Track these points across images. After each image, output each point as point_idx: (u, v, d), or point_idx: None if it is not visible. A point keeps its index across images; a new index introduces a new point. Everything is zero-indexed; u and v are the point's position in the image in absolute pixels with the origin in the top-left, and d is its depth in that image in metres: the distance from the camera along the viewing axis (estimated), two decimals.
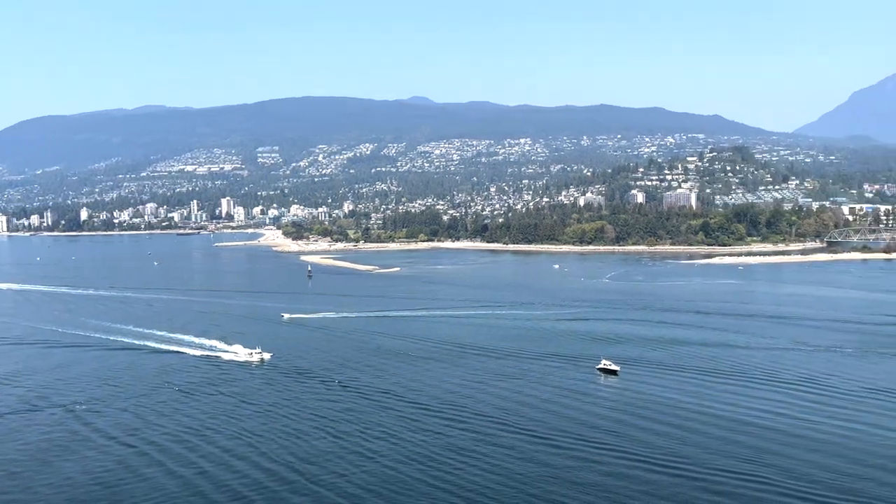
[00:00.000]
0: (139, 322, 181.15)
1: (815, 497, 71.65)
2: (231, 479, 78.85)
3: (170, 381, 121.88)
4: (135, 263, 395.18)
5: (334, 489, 75.86)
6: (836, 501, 70.68)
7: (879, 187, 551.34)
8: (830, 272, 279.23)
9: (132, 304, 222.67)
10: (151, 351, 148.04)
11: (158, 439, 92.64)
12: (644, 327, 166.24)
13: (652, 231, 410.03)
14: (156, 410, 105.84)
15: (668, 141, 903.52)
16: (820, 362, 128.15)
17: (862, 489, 73.13)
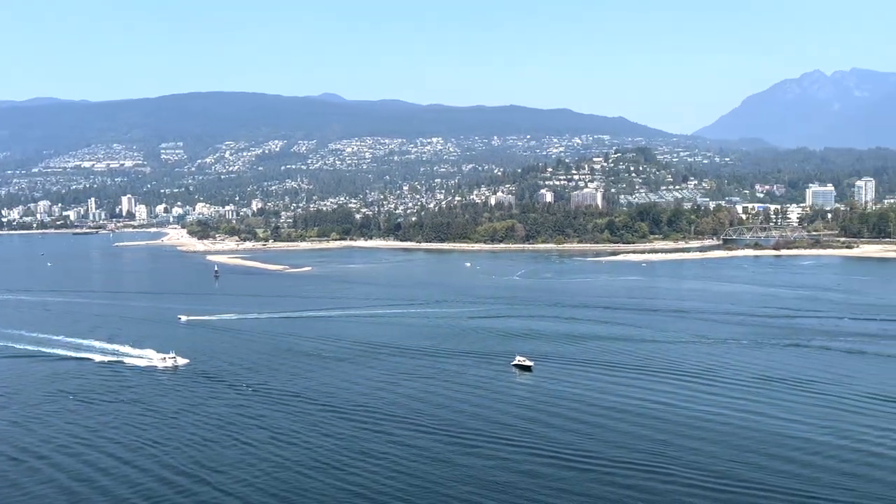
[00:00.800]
0: (34, 326, 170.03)
1: (717, 486, 74.21)
2: (129, 494, 74.67)
3: (64, 390, 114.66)
4: (26, 264, 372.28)
5: (243, 498, 73.14)
6: (738, 490, 73.42)
7: (770, 188, 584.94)
8: (726, 268, 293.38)
9: (25, 308, 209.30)
10: (49, 358, 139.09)
11: (51, 453, 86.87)
12: (556, 323, 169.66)
13: (560, 229, 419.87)
14: (49, 421, 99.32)
15: (576, 142, 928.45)
16: (719, 355, 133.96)
17: (762, 479, 76.36)
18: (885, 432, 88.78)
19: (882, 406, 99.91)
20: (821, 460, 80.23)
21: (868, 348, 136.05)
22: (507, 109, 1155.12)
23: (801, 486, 73.50)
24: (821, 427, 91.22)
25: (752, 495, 71.76)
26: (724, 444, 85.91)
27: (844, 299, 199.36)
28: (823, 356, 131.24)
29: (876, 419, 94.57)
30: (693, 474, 76.90)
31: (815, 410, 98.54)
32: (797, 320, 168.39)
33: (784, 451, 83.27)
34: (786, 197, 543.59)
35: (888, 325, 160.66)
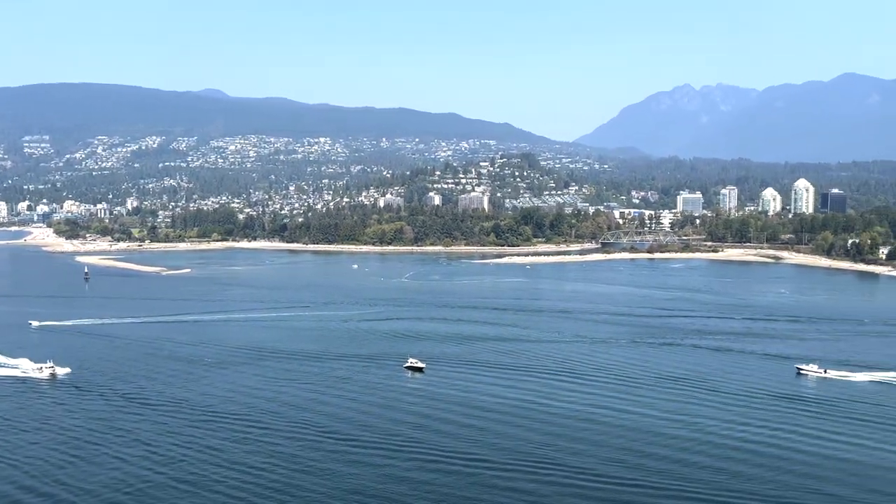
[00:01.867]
0: None
1: (597, 485, 76.88)
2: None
3: None
4: None
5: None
6: (617, 488, 76.42)
7: (645, 194, 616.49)
8: (604, 270, 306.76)
9: None
10: None
11: None
12: (445, 324, 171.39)
13: (448, 232, 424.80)
14: None
15: (463, 146, 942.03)
16: (600, 354, 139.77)
17: (641, 477, 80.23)
18: (746, 427, 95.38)
19: (745, 402, 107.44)
20: (694, 457, 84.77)
21: (733, 346, 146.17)
22: (396, 112, 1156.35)
23: (675, 481, 77.64)
24: (691, 423, 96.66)
25: (630, 492, 74.89)
26: (604, 443, 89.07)
27: (711, 300, 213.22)
28: (694, 354, 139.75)
29: (739, 414, 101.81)
30: (575, 474, 79.07)
31: (689, 407, 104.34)
32: (670, 320, 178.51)
33: (659, 448, 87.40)
34: (659, 203, 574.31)
35: (750, 323, 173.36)
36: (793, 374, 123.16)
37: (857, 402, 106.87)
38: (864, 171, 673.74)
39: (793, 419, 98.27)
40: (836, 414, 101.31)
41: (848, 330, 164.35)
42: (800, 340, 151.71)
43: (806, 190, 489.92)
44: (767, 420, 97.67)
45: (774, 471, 79.60)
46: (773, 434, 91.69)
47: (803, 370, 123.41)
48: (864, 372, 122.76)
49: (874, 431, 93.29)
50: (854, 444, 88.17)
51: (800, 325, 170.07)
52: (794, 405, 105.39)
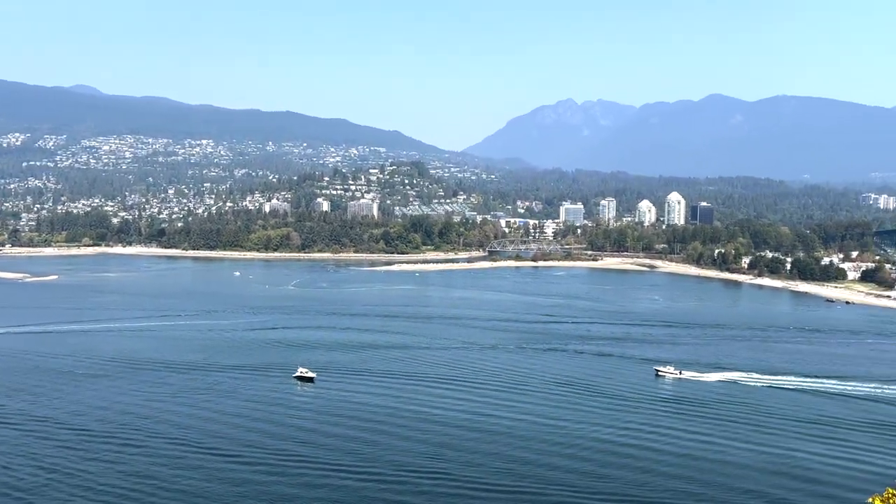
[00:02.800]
0: None
1: (491, 487, 78.42)
2: None
3: None
4: None
5: None
6: (507, 489, 78.11)
7: (529, 204, 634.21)
8: (491, 278, 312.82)
9: None
10: None
11: None
12: (335, 333, 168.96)
13: (337, 239, 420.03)
14: None
15: (353, 152, 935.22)
16: (489, 360, 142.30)
17: (535, 477, 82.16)
18: (626, 429, 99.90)
19: (618, 404, 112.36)
20: (602, 456, 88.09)
21: (613, 350, 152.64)
22: (283, 115, 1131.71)
23: (566, 480, 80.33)
24: (567, 427, 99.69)
25: (524, 494, 76.67)
26: (494, 451, 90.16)
27: (592, 306, 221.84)
28: (575, 359, 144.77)
29: (609, 417, 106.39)
30: (465, 485, 79.56)
31: (565, 412, 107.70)
32: (554, 326, 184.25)
33: (548, 448, 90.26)
34: (543, 213, 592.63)
35: (628, 328, 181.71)
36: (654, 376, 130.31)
37: (707, 400, 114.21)
38: (729, 185, 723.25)
39: (653, 419, 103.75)
40: (689, 413, 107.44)
41: (715, 334, 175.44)
42: (673, 345, 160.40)
43: (678, 202, 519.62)
44: (632, 421, 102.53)
45: (634, 470, 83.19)
46: (635, 434, 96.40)
47: (661, 372, 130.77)
48: (715, 372, 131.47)
49: (721, 429, 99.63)
50: (704, 441, 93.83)
51: (673, 331, 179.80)
52: (655, 405, 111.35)
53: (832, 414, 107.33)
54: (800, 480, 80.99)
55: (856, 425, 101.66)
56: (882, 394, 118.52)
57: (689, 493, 77.31)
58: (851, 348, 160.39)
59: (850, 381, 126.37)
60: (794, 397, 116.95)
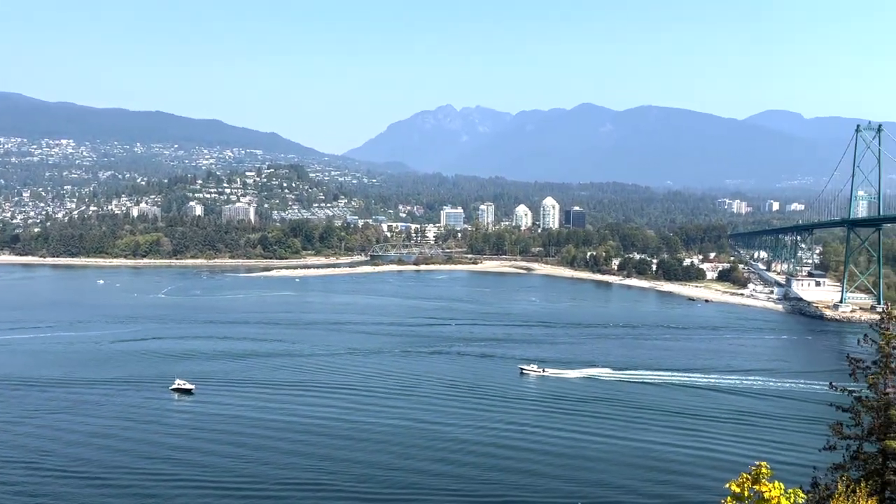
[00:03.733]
0: None
1: (381, 497, 77.92)
2: None
3: None
4: None
5: None
6: (395, 497, 77.96)
7: (411, 208, 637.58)
8: (374, 282, 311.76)
9: None
10: None
11: None
12: (213, 342, 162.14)
13: (211, 244, 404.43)
14: None
15: (228, 154, 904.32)
16: (374, 365, 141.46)
17: (422, 483, 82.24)
18: (523, 428, 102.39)
19: (514, 405, 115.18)
20: (473, 458, 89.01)
21: (496, 351, 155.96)
22: (152, 115, 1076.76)
23: (455, 484, 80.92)
24: (464, 426, 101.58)
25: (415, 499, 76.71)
26: (381, 454, 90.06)
27: (473, 308, 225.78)
28: (462, 361, 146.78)
29: (514, 416, 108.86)
30: (354, 491, 78.84)
31: (466, 414, 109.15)
32: (438, 328, 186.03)
33: (439, 453, 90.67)
34: (424, 217, 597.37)
35: (510, 329, 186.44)
36: (531, 374, 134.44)
37: (570, 396, 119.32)
38: (600, 191, 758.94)
39: (520, 417, 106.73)
40: (554, 409, 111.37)
41: (589, 333, 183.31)
42: (551, 344, 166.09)
43: (553, 207, 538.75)
44: (501, 420, 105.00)
45: (501, 471, 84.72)
46: (504, 434, 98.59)
47: (525, 370, 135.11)
48: (577, 369, 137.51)
49: (584, 423, 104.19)
50: (563, 436, 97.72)
51: (550, 330, 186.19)
52: (523, 404, 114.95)
53: (694, 406, 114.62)
54: (661, 472, 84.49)
55: (717, 416, 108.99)
56: (741, 385, 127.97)
57: (550, 490, 78.82)
58: (713, 343, 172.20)
59: (712, 373, 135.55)
60: (654, 391, 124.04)
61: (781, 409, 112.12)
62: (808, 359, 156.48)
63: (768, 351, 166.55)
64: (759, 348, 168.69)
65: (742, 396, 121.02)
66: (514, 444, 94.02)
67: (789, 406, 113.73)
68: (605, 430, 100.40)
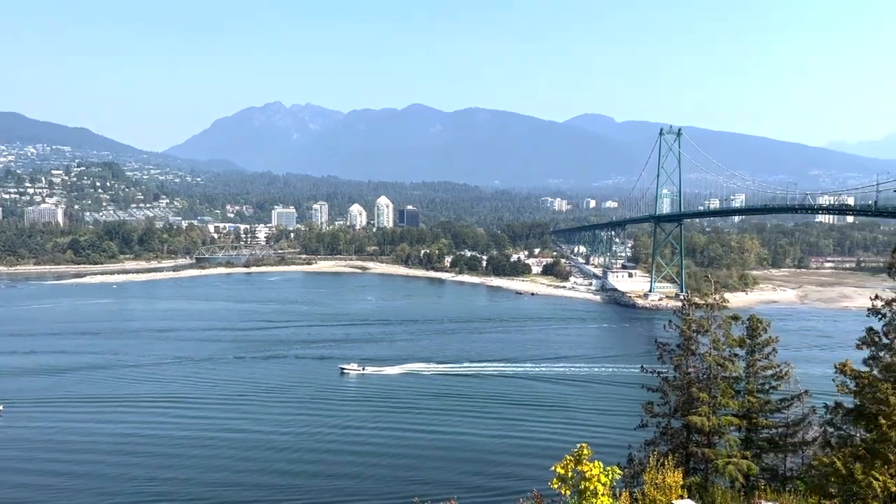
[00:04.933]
0: None
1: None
2: None
3: None
4: None
5: None
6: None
7: (240, 208, 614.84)
8: (201, 286, 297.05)
9: None
10: None
11: None
12: (20, 357, 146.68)
13: (12, 249, 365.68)
14: None
15: (30, 151, 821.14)
16: (206, 373, 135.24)
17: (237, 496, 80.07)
18: (346, 430, 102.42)
19: (337, 407, 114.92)
20: (299, 466, 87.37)
21: (335, 353, 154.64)
22: None
23: (278, 495, 79.51)
24: (285, 433, 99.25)
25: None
26: (217, 467, 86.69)
27: (310, 310, 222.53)
28: (300, 364, 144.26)
29: (336, 418, 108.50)
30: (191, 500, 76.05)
31: (288, 419, 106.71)
32: (274, 331, 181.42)
33: (264, 464, 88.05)
34: (255, 217, 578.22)
35: (348, 329, 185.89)
36: (352, 373, 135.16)
37: (389, 393, 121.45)
38: (432, 190, 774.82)
39: (342, 418, 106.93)
40: (372, 407, 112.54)
41: (426, 329, 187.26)
42: (390, 342, 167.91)
43: (386, 206, 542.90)
44: (324, 422, 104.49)
45: (326, 477, 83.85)
46: (324, 435, 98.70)
47: (345, 369, 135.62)
48: (398, 365, 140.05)
49: (404, 418, 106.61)
50: (386, 434, 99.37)
51: (388, 328, 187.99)
52: (343, 404, 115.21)
53: (522, 395, 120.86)
54: (485, 464, 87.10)
55: (544, 404, 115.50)
56: (568, 373, 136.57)
57: (376, 494, 79.20)
58: (540, 334, 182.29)
59: (541, 363, 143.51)
60: (483, 383, 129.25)
61: (603, 393, 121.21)
62: (625, 345, 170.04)
63: (590, 339, 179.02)
64: (582, 337, 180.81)
65: (568, 383, 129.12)
66: (337, 447, 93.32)
67: (611, 390, 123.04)
68: (429, 426, 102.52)
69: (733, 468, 37.26)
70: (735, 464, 37.50)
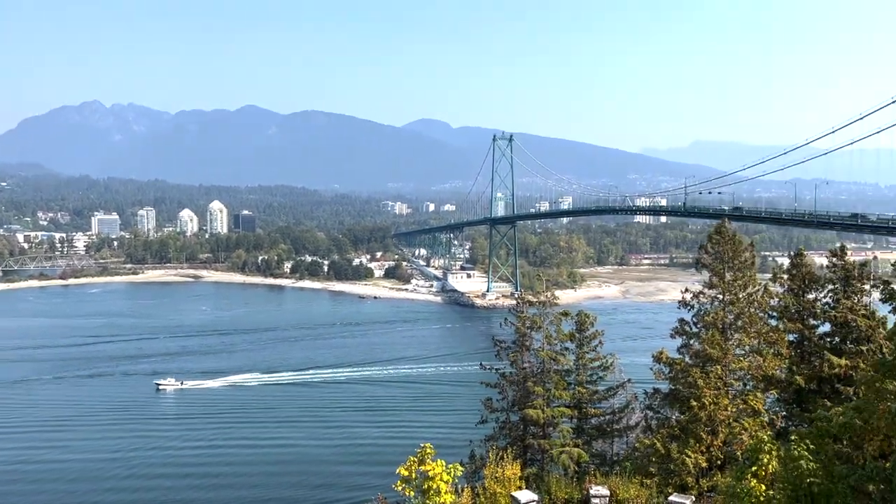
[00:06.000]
0: None
1: None
2: None
3: None
4: None
5: None
6: None
7: (54, 215, 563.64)
8: (10, 301, 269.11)
9: None
10: None
11: None
12: None
13: None
14: None
15: None
16: (18, 397, 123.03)
17: None
18: (166, 451, 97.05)
19: (153, 425, 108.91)
20: (111, 496, 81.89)
21: (170, 367, 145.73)
22: None
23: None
24: (98, 458, 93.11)
25: None
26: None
27: (139, 323, 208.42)
28: (124, 382, 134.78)
29: (152, 438, 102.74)
30: None
31: (102, 443, 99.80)
32: (100, 347, 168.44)
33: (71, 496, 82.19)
34: (71, 225, 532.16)
35: (184, 341, 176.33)
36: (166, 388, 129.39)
37: (211, 407, 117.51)
38: (269, 194, 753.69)
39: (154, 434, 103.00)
40: (190, 425, 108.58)
41: (268, 337, 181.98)
42: (229, 353, 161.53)
43: (220, 211, 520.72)
44: (138, 445, 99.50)
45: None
46: (140, 457, 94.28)
47: (161, 385, 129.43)
48: (219, 378, 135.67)
49: (222, 431, 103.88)
50: (205, 451, 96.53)
51: (227, 339, 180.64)
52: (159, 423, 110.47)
53: (365, 399, 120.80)
54: (319, 476, 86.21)
55: (387, 407, 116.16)
56: (415, 373, 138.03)
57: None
58: (386, 337, 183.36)
59: (388, 365, 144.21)
60: (330, 389, 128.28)
61: (448, 392, 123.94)
62: (467, 343, 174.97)
63: (434, 340, 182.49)
64: (427, 338, 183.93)
65: (413, 385, 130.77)
66: (150, 471, 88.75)
67: (455, 388, 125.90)
68: (258, 439, 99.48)
69: (566, 457, 39.45)
70: (568, 452, 39.72)
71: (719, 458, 33.82)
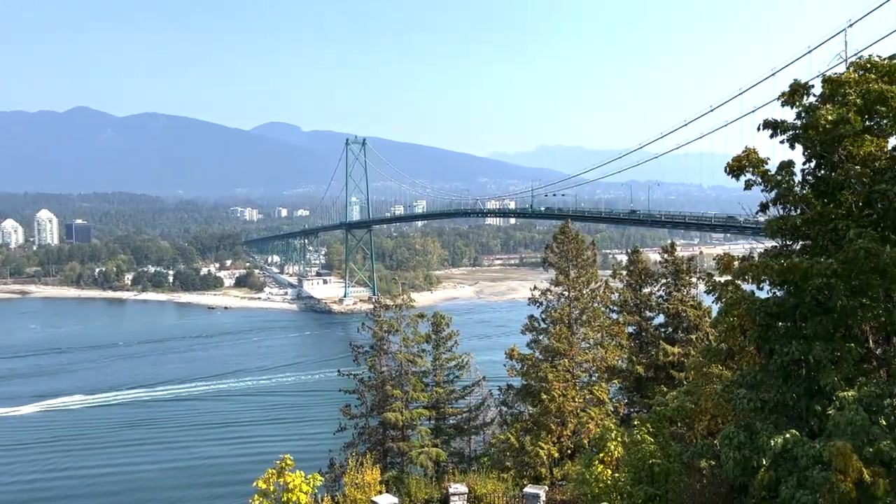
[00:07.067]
0: None
1: None
2: None
3: None
4: None
5: None
6: None
7: None
8: None
9: None
10: None
11: None
12: None
13: None
14: None
15: None
16: None
17: None
18: None
19: None
20: None
21: (4, 391, 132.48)
22: None
23: None
24: None
25: None
26: None
27: None
28: None
29: None
30: None
31: None
32: None
33: None
34: None
35: (12, 362, 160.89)
36: None
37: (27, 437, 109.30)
38: (106, 202, 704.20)
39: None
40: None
41: (110, 354, 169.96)
42: (69, 373, 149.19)
43: (50, 221, 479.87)
44: None
45: None
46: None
47: None
48: (33, 403, 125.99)
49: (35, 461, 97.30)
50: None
51: (63, 358, 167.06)
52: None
53: (221, 413, 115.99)
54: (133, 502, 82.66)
55: (239, 420, 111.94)
56: (273, 384, 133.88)
57: None
58: (240, 348, 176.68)
59: (245, 377, 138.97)
60: (178, 406, 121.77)
61: (309, 401, 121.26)
62: (325, 350, 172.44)
63: (293, 348, 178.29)
64: (284, 347, 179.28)
65: (273, 395, 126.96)
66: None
67: (316, 397, 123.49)
68: (82, 466, 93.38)
69: (424, 457, 39.88)
70: (427, 453, 40.18)
71: (570, 447, 35.56)
